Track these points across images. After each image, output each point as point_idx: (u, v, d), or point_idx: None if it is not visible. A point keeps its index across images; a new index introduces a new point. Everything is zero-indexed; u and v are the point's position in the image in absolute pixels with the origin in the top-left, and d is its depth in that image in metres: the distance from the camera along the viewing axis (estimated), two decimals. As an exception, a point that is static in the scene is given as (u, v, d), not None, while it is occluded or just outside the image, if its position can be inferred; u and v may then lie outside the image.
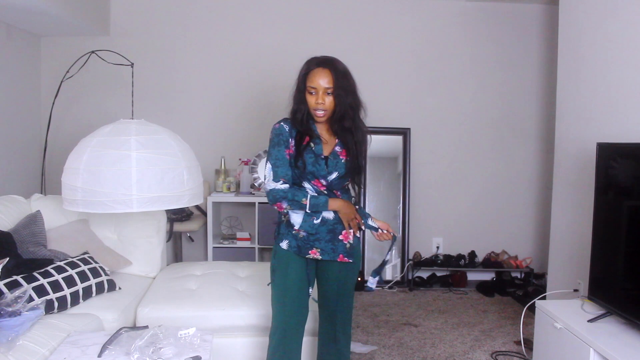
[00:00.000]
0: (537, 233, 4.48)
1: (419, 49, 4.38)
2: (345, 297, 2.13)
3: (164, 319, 2.31)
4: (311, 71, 1.96)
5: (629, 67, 2.60)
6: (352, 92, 1.99)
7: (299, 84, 1.99)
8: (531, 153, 4.48)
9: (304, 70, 1.99)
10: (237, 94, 4.29)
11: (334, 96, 1.94)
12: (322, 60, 1.98)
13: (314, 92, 1.95)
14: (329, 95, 1.94)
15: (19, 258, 2.36)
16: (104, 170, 2.25)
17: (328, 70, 1.94)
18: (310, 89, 1.96)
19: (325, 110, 1.96)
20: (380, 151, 4.41)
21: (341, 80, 1.95)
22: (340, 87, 1.94)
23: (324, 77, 1.94)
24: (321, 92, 1.94)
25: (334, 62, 1.98)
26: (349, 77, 1.99)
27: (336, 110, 1.96)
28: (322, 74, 1.94)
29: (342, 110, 1.96)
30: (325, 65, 1.95)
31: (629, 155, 2.24)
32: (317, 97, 1.95)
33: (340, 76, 1.95)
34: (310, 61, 1.99)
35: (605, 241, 2.34)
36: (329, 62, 1.97)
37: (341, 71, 1.97)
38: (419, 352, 3.00)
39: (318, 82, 1.94)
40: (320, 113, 1.96)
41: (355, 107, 2.00)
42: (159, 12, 4.25)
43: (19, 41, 3.94)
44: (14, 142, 3.91)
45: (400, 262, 4.34)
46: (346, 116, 1.98)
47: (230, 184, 4.09)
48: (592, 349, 2.03)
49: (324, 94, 1.94)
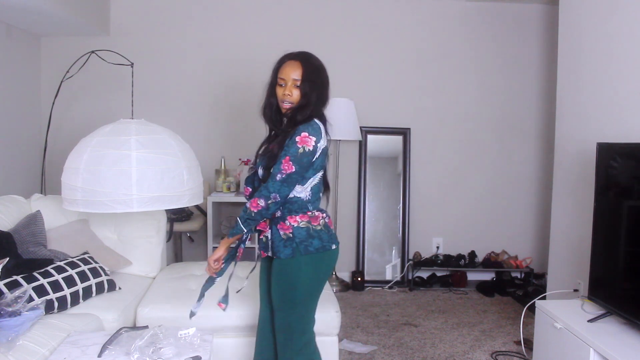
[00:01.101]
0: (537, 233, 4.48)
1: (419, 48, 4.38)
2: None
3: (164, 319, 2.31)
4: (283, 64, 1.96)
5: (629, 67, 2.60)
6: (319, 87, 1.94)
7: (272, 78, 1.99)
8: (531, 153, 4.49)
9: (277, 64, 1.98)
10: (237, 93, 4.29)
11: (300, 88, 1.91)
12: (296, 54, 1.97)
13: (283, 83, 1.94)
14: (297, 87, 1.92)
15: (19, 258, 2.36)
16: (104, 170, 2.25)
17: (299, 63, 1.93)
18: (280, 80, 1.94)
19: (292, 102, 1.93)
20: (380, 151, 4.41)
21: (311, 74, 1.92)
22: (308, 79, 1.91)
23: (294, 69, 1.92)
24: (290, 84, 1.92)
25: (308, 56, 1.97)
26: (320, 72, 1.96)
27: (300, 102, 1.92)
28: (293, 66, 1.93)
29: (303, 103, 1.92)
30: (297, 58, 1.95)
31: (629, 155, 2.24)
32: (285, 88, 1.93)
33: (311, 70, 1.92)
34: (284, 55, 1.99)
35: (605, 241, 2.34)
36: (302, 55, 1.96)
37: (313, 65, 1.94)
38: (419, 352, 3.00)
39: (288, 74, 1.92)
40: (286, 105, 1.94)
41: (317, 104, 1.94)
42: (159, 12, 4.25)
43: (19, 41, 3.94)
44: (14, 142, 3.91)
45: (400, 262, 4.34)
46: (304, 109, 1.91)
47: (230, 184, 4.08)
48: (592, 349, 2.03)
49: (292, 86, 1.92)
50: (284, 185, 1.87)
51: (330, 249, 1.96)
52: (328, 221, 2.01)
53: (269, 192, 1.86)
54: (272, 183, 1.87)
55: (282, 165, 1.86)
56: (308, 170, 1.91)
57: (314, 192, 1.96)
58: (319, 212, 1.98)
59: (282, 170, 1.86)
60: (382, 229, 4.39)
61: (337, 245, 2.01)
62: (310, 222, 1.94)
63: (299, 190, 1.93)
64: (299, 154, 1.86)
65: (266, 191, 1.87)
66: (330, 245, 1.97)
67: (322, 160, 1.94)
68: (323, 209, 2.03)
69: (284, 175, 1.86)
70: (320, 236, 1.94)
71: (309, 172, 1.92)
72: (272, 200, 1.87)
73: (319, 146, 1.89)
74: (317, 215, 1.96)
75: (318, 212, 1.98)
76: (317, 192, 1.98)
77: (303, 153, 1.86)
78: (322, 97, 1.96)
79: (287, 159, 1.86)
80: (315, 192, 1.96)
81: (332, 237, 1.99)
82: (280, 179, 1.86)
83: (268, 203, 1.87)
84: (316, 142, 1.88)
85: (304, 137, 1.86)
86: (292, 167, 1.86)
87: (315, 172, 1.94)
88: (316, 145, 1.88)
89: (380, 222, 4.40)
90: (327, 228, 1.99)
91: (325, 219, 1.99)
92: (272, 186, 1.87)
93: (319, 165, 1.94)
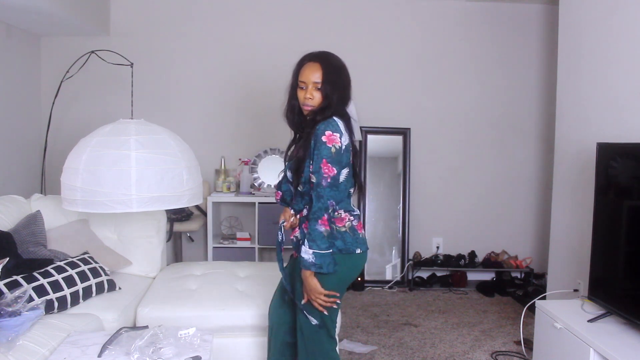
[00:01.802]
0: (537, 233, 4.48)
1: (419, 48, 4.38)
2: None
3: (164, 319, 2.31)
4: (303, 66, 1.93)
5: (629, 67, 2.60)
6: (340, 88, 1.92)
7: (292, 80, 1.97)
8: (531, 153, 4.48)
9: (297, 66, 1.96)
10: (237, 94, 4.29)
11: (321, 90, 1.88)
12: (316, 54, 1.94)
13: (304, 86, 1.91)
14: (318, 90, 1.89)
15: (19, 258, 2.36)
16: (103, 170, 2.25)
17: (319, 64, 1.90)
18: (301, 83, 1.92)
19: (313, 105, 1.91)
20: (380, 151, 4.41)
21: (331, 75, 1.89)
22: (329, 81, 1.88)
23: (314, 71, 1.89)
24: (310, 87, 1.89)
25: (327, 56, 1.94)
26: (341, 72, 1.93)
27: (321, 105, 1.89)
28: (313, 68, 1.90)
29: (325, 105, 1.89)
30: (316, 59, 1.92)
31: (629, 155, 2.24)
32: (306, 91, 1.90)
33: (330, 71, 1.90)
34: (304, 57, 1.96)
35: (605, 241, 2.34)
36: (321, 56, 1.93)
37: (333, 65, 1.92)
38: (419, 352, 3.00)
39: (308, 76, 1.89)
40: (308, 107, 1.92)
41: (338, 104, 1.91)
42: (159, 12, 4.25)
43: (19, 41, 3.94)
44: (14, 142, 3.91)
45: (400, 262, 4.34)
46: (325, 111, 1.89)
47: (230, 184, 4.09)
48: (592, 349, 2.03)
49: (313, 89, 1.89)
50: (333, 190, 1.83)
51: (353, 252, 1.90)
52: (357, 224, 1.94)
53: (325, 202, 1.81)
54: (322, 191, 1.82)
55: (323, 170, 1.81)
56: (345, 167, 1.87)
57: (340, 190, 1.89)
58: (347, 212, 1.92)
59: (324, 175, 1.81)
60: (382, 229, 4.39)
61: (364, 250, 1.94)
62: (335, 223, 1.88)
63: None
64: (333, 153, 1.82)
65: (320, 204, 1.81)
66: (355, 248, 1.90)
67: (346, 157, 1.89)
68: (353, 208, 1.96)
69: (329, 179, 1.82)
70: (344, 238, 1.89)
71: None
72: (330, 209, 1.84)
73: (343, 142, 1.86)
74: (342, 217, 1.90)
75: (346, 213, 1.91)
76: (344, 191, 1.92)
77: (337, 152, 1.83)
78: (344, 97, 1.94)
79: (325, 161, 1.81)
80: (342, 191, 1.90)
81: (357, 240, 1.92)
82: (327, 184, 1.82)
83: (329, 214, 1.83)
84: (340, 137, 1.85)
85: (330, 136, 1.83)
86: (332, 169, 1.82)
87: (342, 169, 1.88)
88: (342, 142, 1.85)
89: (380, 222, 4.40)
90: (353, 231, 1.92)
91: (353, 222, 1.92)
92: (323, 195, 1.81)
93: (345, 162, 1.89)
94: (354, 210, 1.95)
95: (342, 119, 1.91)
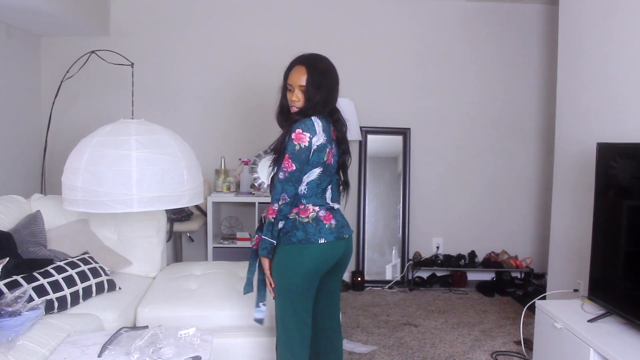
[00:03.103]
0: (537, 233, 4.48)
1: (419, 48, 4.38)
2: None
3: (164, 319, 2.31)
4: (291, 69, 1.99)
5: (629, 67, 2.60)
6: (324, 91, 1.95)
7: (283, 82, 2.03)
8: (531, 153, 4.48)
9: (287, 69, 2.02)
10: (238, 94, 4.29)
11: (304, 93, 1.94)
12: (303, 58, 1.99)
13: (291, 88, 1.98)
14: (303, 92, 1.95)
15: (19, 258, 2.36)
16: (104, 170, 2.25)
17: (304, 68, 1.95)
18: (288, 85, 1.99)
19: (299, 107, 1.97)
20: (380, 151, 4.41)
21: (316, 79, 1.93)
22: (313, 84, 1.93)
23: (300, 74, 1.95)
24: (296, 89, 1.96)
25: (314, 60, 1.98)
26: (326, 75, 1.97)
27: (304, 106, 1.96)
28: (299, 71, 1.96)
29: (308, 106, 1.94)
30: (303, 63, 1.97)
31: (629, 155, 2.24)
32: (293, 93, 1.97)
33: (315, 74, 1.94)
34: (293, 60, 2.02)
35: (605, 241, 2.34)
36: (308, 60, 1.98)
37: (319, 69, 1.96)
38: (419, 352, 3.00)
39: (294, 79, 1.96)
40: (294, 109, 1.99)
41: (323, 105, 1.96)
42: (159, 12, 4.25)
43: (19, 41, 3.94)
44: (14, 142, 3.91)
45: (400, 262, 4.34)
46: (306, 111, 1.95)
47: (230, 184, 4.08)
48: (592, 349, 2.03)
49: (299, 91, 1.96)
50: (288, 184, 1.91)
51: (315, 242, 1.93)
52: (323, 216, 1.97)
53: (278, 194, 1.91)
54: (277, 183, 1.92)
55: (283, 164, 1.91)
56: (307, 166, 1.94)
57: (310, 187, 1.98)
58: (315, 206, 1.98)
59: (283, 169, 1.91)
60: (382, 228, 4.39)
61: (331, 240, 1.95)
62: (299, 214, 1.96)
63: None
64: (296, 150, 1.90)
65: (275, 194, 1.92)
66: (317, 239, 1.93)
67: (317, 156, 1.95)
68: (327, 203, 2.01)
69: (286, 174, 1.91)
70: (306, 228, 1.94)
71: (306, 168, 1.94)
72: (282, 202, 1.91)
73: (314, 142, 1.92)
74: (307, 208, 1.97)
75: (312, 205, 1.98)
76: (315, 187, 1.99)
77: (300, 150, 1.90)
78: (328, 99, 1.98)
79: (287, 157, 1.91)
80: (312, 187, 1.98)
81: (322, 230, 1.95)
82: (283, 178, 1.91)
83: (279, 205, 1.91)
84: (310, 137, 1.91)
85: (298, 134, 1.90)
86: (291, 164, 1.90)
87: (312, 168, 1.96)
88: (311, 141, 1.91)
89: (380, 222, 4.40)
90: (318, 221, 1.96)
91: (319, 212, 1.97)
92: (277, 187, 1.91)
93: (315, 161, 1.95)
94: (327, 205, 2.02)
95: (325, 120, 1.98)
